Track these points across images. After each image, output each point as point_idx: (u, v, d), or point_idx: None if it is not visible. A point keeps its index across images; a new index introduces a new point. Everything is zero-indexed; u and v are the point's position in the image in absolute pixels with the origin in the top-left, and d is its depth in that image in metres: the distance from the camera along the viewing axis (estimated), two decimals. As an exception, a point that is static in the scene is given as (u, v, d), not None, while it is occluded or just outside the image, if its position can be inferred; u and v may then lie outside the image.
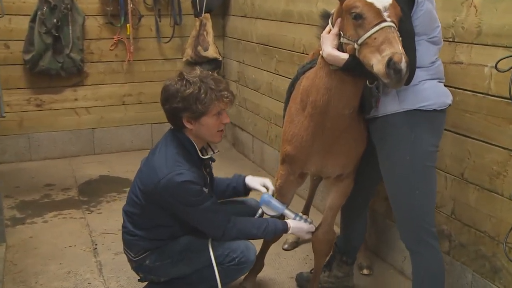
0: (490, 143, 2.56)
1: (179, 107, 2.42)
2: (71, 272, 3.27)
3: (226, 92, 2.47)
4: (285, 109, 2.80)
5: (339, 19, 2.18)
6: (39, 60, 4.87)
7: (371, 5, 2.03)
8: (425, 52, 2.28)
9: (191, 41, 5.43)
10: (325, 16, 2.40)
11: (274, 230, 2.65)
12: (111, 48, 5.35)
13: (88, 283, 3.16)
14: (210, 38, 5.38)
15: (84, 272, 3.28)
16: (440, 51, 2.43)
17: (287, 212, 2.72)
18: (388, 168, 2.40)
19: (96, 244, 3.63)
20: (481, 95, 2.58)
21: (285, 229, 2.67)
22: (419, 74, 2.24)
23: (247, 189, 2.90)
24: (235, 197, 2.94)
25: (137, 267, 2.74)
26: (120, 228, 2.69)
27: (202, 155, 2.59)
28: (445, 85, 2.44)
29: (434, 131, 2.36)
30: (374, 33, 2.00)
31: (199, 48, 5.36)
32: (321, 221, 2.77)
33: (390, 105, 2.31)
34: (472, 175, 2.69)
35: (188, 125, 2.47)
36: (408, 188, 2.34)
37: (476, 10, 2.56)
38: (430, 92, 2.31)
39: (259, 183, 2.85)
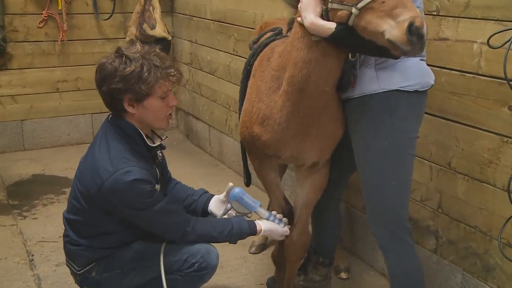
0: (480, 128, 2.61)
1: (118, 88, 2.32)
2: (4, 290, 3.16)
3: (172, 70, 2.40)
4: (242, 91, 2.75)
5: None
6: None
7: None
8: None
9: (135, 18, 5.32)
10: None
11: (240, 234, 2.57)
12: (39, 26, 5.20)
13: (25, 301, 3.06)
14: (157, 14, 5.28)
15: (20, 288, 3.17)
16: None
17: (260, 210, 2.66)
18: (362, 155, 2.41)
19: (32, 255, 3.52)
20: (470, 75, 2.62)
21: (254, 231, 2.60)
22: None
23: (205, 210, 2.82)
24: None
25: (81, 280, 2.65)
26: (61, 235, 2.60)
27: (150, 143, 2.51)
28: (427, 64, 2.45)
29: (415, 115, 2.39)
30: None
31: (145, 25, 5.25)
32: (295, 221, 2.75)
33: (368, 85, 2.31)
34: (461, 164, 2.73)
35: (129, 109, 2.38)
36: (383, 178, 2.35)
37: (463, -20, 2.60)
38: (413, 70, 2.32)
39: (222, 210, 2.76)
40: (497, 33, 2.33)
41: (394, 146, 2.31)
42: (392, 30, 1.91)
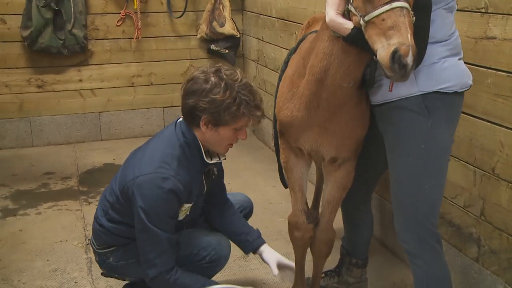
0: (527, 133, 2.37)
1: (204, 107, 2.27)
2: (58, 270, 3.24)
3: (258, 112, 2.35)
4: (278, 84, 2.67)
5: None
6: (38, 36, 4.88)
7: None
8: (443, 22, 2.11)
9: (206, 16, 5.35)
10: None
11: None
12: (117, 24, 5.31)
13: (75, 282, 3.12)
14: (226, 12, 5.29)
15: (72, 270, 3.25)
16: (457, 22, 2.24)
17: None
18: (396, 158, 2.26)
19: (89, 240, 3.58)
20: (519, 77, 2.38)
21: None
22: (438, 50, 2.09)
23: (252, 251, 2.74)
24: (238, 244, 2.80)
25: (100, 261, 2.68)
26: None
27: (207, 159, 2.47)
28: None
29: (452, 118, 2.23)
30: (382, 13, 1.84)
31: (215, 23, 5.28)
32: (319, 218, 2.64)
33: (406, 88, 2.14)
34: (505, 171, 2.50)
35: (203, 128, 2.35)
36: (417, 182, 2.19)
37: (513, -26, 2.36)
38: (451, 72, 2.15)
39: (274, 260, 2.64)
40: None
41: (430, 150, 2.16)
42: (381, 51, 1.84)
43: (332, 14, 2.04)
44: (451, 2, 2.13)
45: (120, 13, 5.27)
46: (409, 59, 1.78)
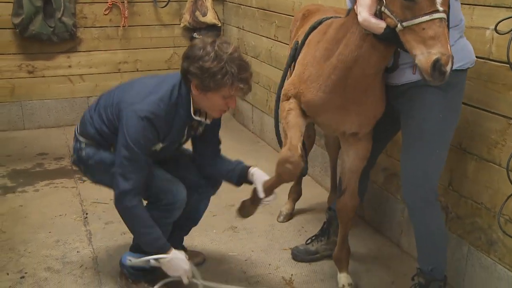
0: (489, 111, 2.54)
1: (193, 71, 2.39)
2: (60, 241, 3.32)
3: (243, 84, 2.41)
4: (288, 66, 2.79)
5: None
6: (29, 24, 4.88)
7: None
8: (455, 10, 2.26)
9: (189, 6, 5.41)
10: None
11: (149, 244, 2.55)
12: (105, 13, 5.33)
13: (77, 251, 3.21)
14: (208, 3, 5.36)
15: (74, 241, 3.33)
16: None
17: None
18: (415, 125, 2.42)
19: (86, 214, 3.68)
20: (482, 60, 2.54)
21: (163, 250, 2.54)
22: (453, 33, 2.22)
23: (243, 179, 2.81)
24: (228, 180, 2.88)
25: (75, 148, 2.78)
26: (112, 197, 2.68)
27: (194, 115, 2.56)
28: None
29: (462, 90, 2.44)
30: (424, 21, 1.94)
31: (197, 13, 5.34)
32: (344, 186, 2.75)
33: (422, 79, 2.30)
34: (471, 145, 2.68)
35: (194, 91, 2.46)
36: (430, 146, 2.39)
37: (480, -31, 2.52)
38: (465, 51, 2.36)
39: (261, 182, 2.69)
40: (504, 19, 2.27)
41: (446, 119, 2.37)
42: (421, 57, 1.94)
43: (365, 14, 2.10)
44: None
45: (108, 2, 5.29)
46: (448, 67, 1.90)
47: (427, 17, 1.93)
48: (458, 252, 2.80)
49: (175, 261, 2.55)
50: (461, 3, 2.59)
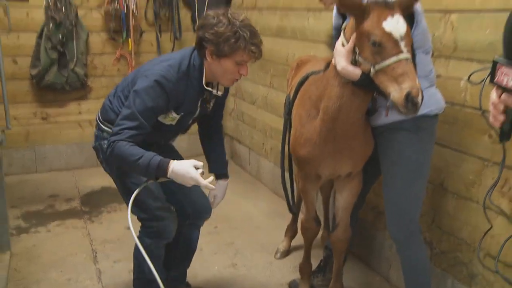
0: (466, 153, 2.67)
1: (209, 38, 2.44)
2: (71, 279, 3.39)
3: (255, 48, 2.46)
4: (285, 124, 2.95)
5: (354, 35, 2.25)
6: (45, 74, 5.04)
7: (390, 35, 2.11)
8: (424, 62, 2.42)
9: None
10: (337, 29, 2.52)
11: (147, 166, 2.35)
12: (113, 63, 5.51)
13: (87, 289, 3.28)
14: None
15: (84, 279, 3.39)
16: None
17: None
18: (393, 166, 2.57)
19: (96, 253, 3.76)
20: (458, 106, 2.69)
21: (162, 168, 2.35)
22: (423, 82, 2.35)
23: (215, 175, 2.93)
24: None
25: (97, 136, 2.79)
26: (120, 237, 2.75)
27: (206, 86, 2.59)
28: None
29: (433, 134, 2.58)
30: (392, 63, 2.10)
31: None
32: (338, 221, 2.88)
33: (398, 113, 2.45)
34: (451, 185, 2.79)
35: (209, 58, 2.49)
36: (408, 184, 2.52)
37: (453, 27, 2.68)
38: (432, 99, 2.49)
39: (213, 194, 2.93)
40: (476, 71, 2.40)
41: (419, 159, 2.50)
42: (395, 93, 2.09)
43: (343, 63, 2.27)
44: (428, 48, 2.46)
45: (116, 53, 5.47)
46: (419, 98, 2.05)
47: (394, 58, 2.09)
48: (443, 285, 2.87)
49: (178, 167, 2.35)
50: (438, 56, 2.77)
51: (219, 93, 2.67)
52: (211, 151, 3.01)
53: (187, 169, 2.33)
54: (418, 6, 2.34)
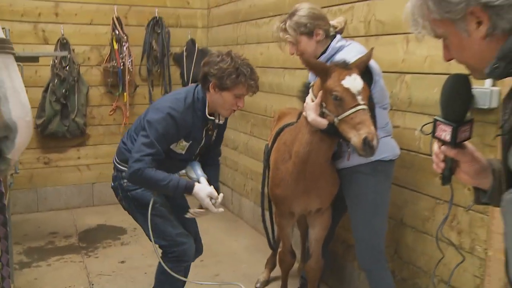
0: (421, 193, 2.81)
1: (213, 73, 2.54)
2: (70, 309, 3.37)
3: (253, 83, 2.57)
4: (264, 169, 3.07)
5: (321, 92, 2.42)
6: (48, 124, 5.10)
7: (348, 90, 2.28)
8: (381, 116, 2.59)
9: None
10: (306, 86, 2.68)
11: (177, 185, 2.55)
12: (110, 113, 5.58)
13: (85, 318, 3.27)
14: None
15: (82, 308, 3.39)
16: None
17: (202, 180, 2.70)
18: (355, 206, 2.70)
19: (92, 284, 3.74)
20: (413, 153, 2.85)
21: (190, 187, 2.57)
22: (379, 133, 2.49)
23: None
24: None
25: (116, 177, 2.81)
26: (115, 270, 2.77)
27: (209, 115, 2.66)
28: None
29: (389, 176, 2.71)
30: (351, 113, 2.26)
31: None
32: (311, 252, 2.98)
33: (358, 157, 2.55)
34: (409, 220, 2.92)
35: (211, 90, 2.57)
36: (371, 221, 2.65)
37: (407, 86, 2.87)
38: (387, 146, 2.63)
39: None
40: (427, 123, 2.56)
41: (378, 198, 2.64)
42: (354, 138, 2.23)
43: (313, 115, 2.42)
44: (386, 104, 2.64)
45: (112, 105, 5.56)
46: (375, 142, 2.20)
47: (353, 110, 2.26)
48: (405, 309, 2.96)
49: (198, 189, 2.57)
50: (396, 110, 2.94)
51: (221, 122, 2.76)
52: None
53: (203, 196, 2.55)
54: (375, 68, 2.53)
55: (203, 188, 2.59)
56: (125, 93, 5.46)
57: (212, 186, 2.63)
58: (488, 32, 1.10)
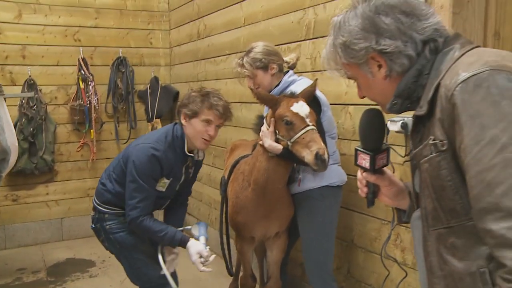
0: (369, 215, 2.89)
1: (183, 103, 2.58)
2: None
3: (219, 108, 2.55)
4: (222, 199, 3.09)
5: (273, 120, 2.51)
6: (16, 162, 4.96)
7: (297, 114, 2.40)
8: (330, 145, 2.69)
9: (145, 142, 5.68)
10: (260, 117, 2.80)
11: (172, 238, 2.60)
12: (77, 150, 5.52)
13: None
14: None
15: None
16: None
17: (202, 239, 2.74)
18: (306, 227, 2.75)
19: (60, 318, 3.65)
20: (360, 179, 2.94)
21: (184, 242, 2.61)
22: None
23: None
24: None
25: (98, 218, 2.73)
26: None
27: (188, 152, 2.64)
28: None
29: (337, 201, 2.79)
30: (302, 134, 2.37)
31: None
32: (270, 274, 3.00)
33: (308, 183, 2.71)
34: (359, 241, 2.99)
35: (183, 121, 2.57)
36: (320, 242, 2.71)
37: (351, 116, 2.98)
38: (335, 173, 2.73)
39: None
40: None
41: (326, 221, 2.71)
42: (307, 155, 2.32)
43: (269, 141, 2.51)
44: (333, 134, 2.75)
45: (80, 142, 5.51)
46: (325, 156, 2.29)
47: (303, 131, 2.37)
48: (359, 325, 3.00)
49: (190, 245, 2.60)
50: (342, 139, 3.04)
51: (200, 158, 2.77)
52: (171, 215, 2.98)
53: (193, 252, 2.60)
54: (323, 99, 2.66)
55: (195, 244, 2.61)
56: (91, 130, 5.43)
57: (208, 247, 2.64)
58: (387, 74, 1.23)
